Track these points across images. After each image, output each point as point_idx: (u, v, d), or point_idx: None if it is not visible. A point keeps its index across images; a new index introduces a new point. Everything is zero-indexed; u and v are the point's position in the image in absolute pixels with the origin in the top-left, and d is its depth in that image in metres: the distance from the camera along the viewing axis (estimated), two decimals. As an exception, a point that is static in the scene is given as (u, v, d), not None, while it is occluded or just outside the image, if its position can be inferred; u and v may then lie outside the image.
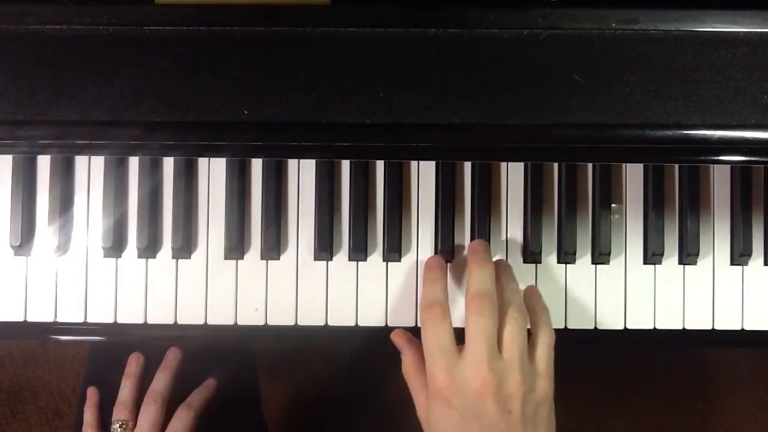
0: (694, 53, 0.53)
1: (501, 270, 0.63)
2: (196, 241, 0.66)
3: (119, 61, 0.53)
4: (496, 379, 0.56)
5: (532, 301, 0.63)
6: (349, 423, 0.87)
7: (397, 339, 0.64)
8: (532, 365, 0.59)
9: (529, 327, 0.62)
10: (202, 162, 0.66)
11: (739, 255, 0.67)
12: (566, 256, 0.66)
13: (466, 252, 0.66)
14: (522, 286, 0.66)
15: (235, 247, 0.65)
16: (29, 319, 0.66)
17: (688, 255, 0.66)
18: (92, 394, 0.77)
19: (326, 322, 0.66)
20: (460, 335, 0.59)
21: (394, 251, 0.66)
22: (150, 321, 0.66)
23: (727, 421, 1.28)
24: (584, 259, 0.67)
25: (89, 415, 0.76)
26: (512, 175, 0.67)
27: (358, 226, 0.65)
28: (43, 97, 0.53)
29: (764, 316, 0.67)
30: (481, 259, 0.62)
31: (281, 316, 0.66)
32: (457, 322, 0.61)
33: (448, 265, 0.66)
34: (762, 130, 0.53)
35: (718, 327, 0.67)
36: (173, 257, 0.66)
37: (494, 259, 0.65)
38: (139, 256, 0.66)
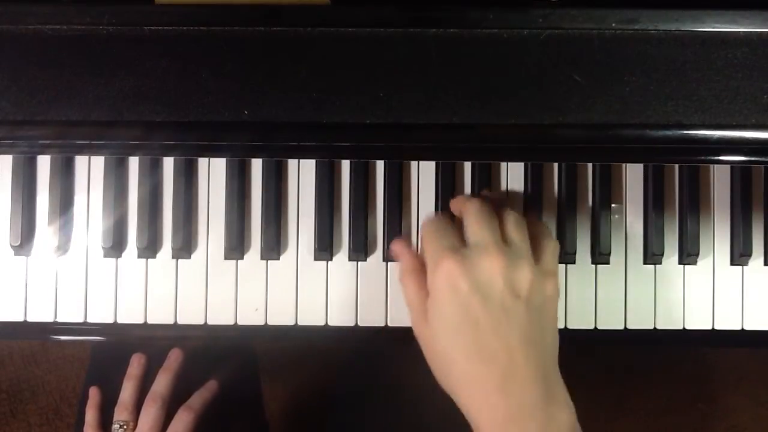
0: (694, 53, 0.53)
1: (494, 195, 0.63)
2: (196, 241, 0.66)
3: (119, 61, 0.53)
4: (506, 261, 0.53)
5: (533, 220, 0.60)
6: (350, 423, 0.87)
7: (397, 245, 0.61)
8: (539, 265, 0.57)
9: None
10: (202, 162, 0.66)
11: (739, 255, 0.67)
12: (566, 256, 0.66)
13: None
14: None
15: (235, 247, 0.65)
16: (29, 319, 0.66)
17: (688, 255, 0.66)
18: (94, 394, 0.77)
19: (326, 322, 0.66)
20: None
21: (394, 251, 0.66)
22: (150, 321, 0.66)
23: (727, 421, 1.28)
24: (584, 259, 0.67)
25: (90, 416, 0.76)
26: (512, 175, 0.67)
27: (358, 226, 0.65)
28: (43, 97, 0.53)
29: (764, 316, 0.67)
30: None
31: (281, 316, 0.66)
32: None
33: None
34: (762, 130, 0.53)
35: (718, 327, 0.67)
36: (173, 257, 0.66)
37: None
38: (139, 256, 0.66)
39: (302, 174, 0.66)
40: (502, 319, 0.53)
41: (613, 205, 0.67)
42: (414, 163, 0.66)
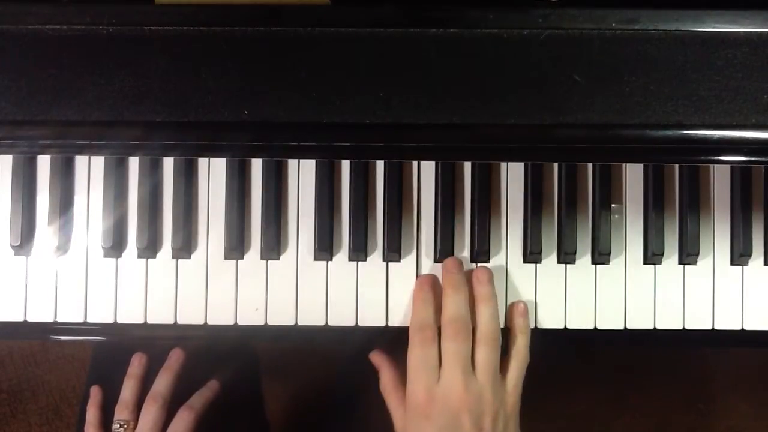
0: (694, 53, 0.53)
1: (481, 287, 0.65)
2: (196, 241, 0.66)
3: (119, 61, 0.53)
4: (471, 399, 0.61)
5: (515, 320, 0.66)
6: (350, 422, 0.87)
7: (376, 358, 0.68)
8: (504, 384, 0.64)
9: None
10: (202, 162, 0.66)
11: (739, 255, 0.67)
12: (566, 256, 0.66)
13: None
14: (521, 286, 0.66)
15: (235, 247, 0.65)
16: (29, 319, 0.66)
17: (688, 255, 0.66)
18: (95, 393, 0.77)
19: (326, 322, 0.66)
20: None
21: (394, 251, 0.66)
22: (150, 321, 0.66)
23: (727, 421, 1.28)
24: (584, 259, 0.67)
25: (91, 415, 0.76)
26: (512, 175, 0.67)
27: (358, 226, 0.65)
28: (43, 97, 0.53)
29: (764, 316, 0.67)
30: (456, 281, 0.64)
31: (281, 316, 0.66)
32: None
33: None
34: (762, 130, 0.53)
35: (718, 327, 0.67)
36: (173, 257, 0.66)
37: (479, 266, 0.66)
38: (139, 256, 0.66)
39: (302, 174, 0.66)
40: None
41: (613, 205, 0.67)
42: (414, 163, 0.66)
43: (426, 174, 0.67)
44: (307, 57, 0.53)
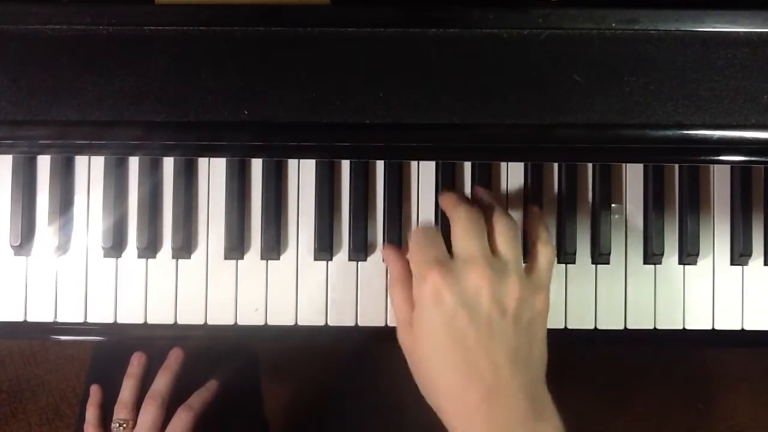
0: (694, 53, 0.53)
1: (479, 191, 0.62)
2: (196, 241, 0.66)
3: (119, 61, 0.53)
4: (493, 274, 0.53)
5: (532, 218, 0.61)
6: (350, 422, 0.87)
7: (388, 250, 0.61)
8: (530, 276, 0.56)
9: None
10: (202, 162, 0.66)
11: (739, 255, 0.67)
12: (566, 256, 0.66)
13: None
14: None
15: (235, 247, 0.65)
16: (29, 319, 0.66)
17: (688, 255, 0.66)
18: (95, 392, 0.77)
19: (326, 322, 0.66)
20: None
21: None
22: (150, 321, 0.66)
23: (727, 421, 1.28)
24: (584, 259, 0.67)
25: (91, 414, 0.76)
26: (512, 175, 0.67)
27: (358, 226, 0.65)
28: (43, 97, 0.53)
29: (764, 316, 0.67)
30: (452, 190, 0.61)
31: (281, 316, 0.66)
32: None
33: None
34: (762, 130, 0.53)
35: (718, 327, 0.67)
36: (173, 257, 0.66)
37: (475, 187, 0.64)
38: (139, 256, 0.66)
39: (302, 174, 0.66)
40: (489, 335, 0.52)
41: (613, 205, 0.67)
42: (414, 163, 0.66)
43: (426, 174, 0.67)
44: (307, 57, 0.53)
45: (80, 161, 0.66)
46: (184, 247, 0.65)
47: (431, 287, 0.53)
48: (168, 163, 0.66)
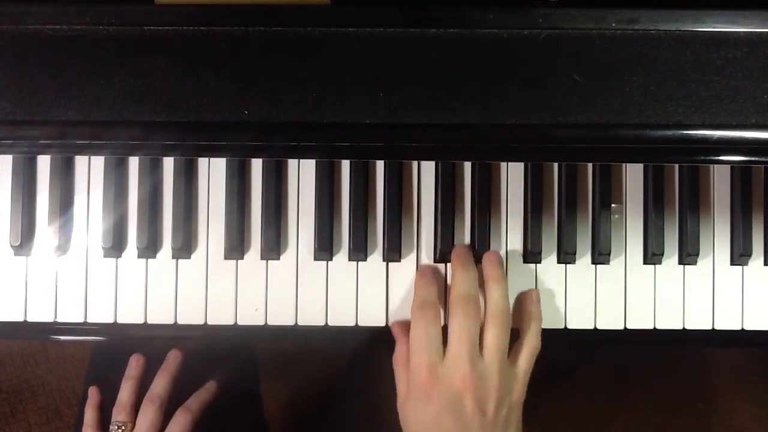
0: (694, 53, 0.53)
1: (491, 269, 0.64)
2: (196, 241, 0.66)
3: (119, 61, 0.53)
4: (476, 380, 0.59)
5: (528, 306, 0.65)
6: (349, 422, 0.87)
7: (396, 328, 0.65)
8: (512, 369, 0.62)
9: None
10: (202, 162, 0.66)
11: (739, 255, 0.67)
12: (566, 256, 0.66)
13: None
14: (521, 287, 0.66)
15: (235, 247, 0.65)
16: (29, 319, 0.66)
17: (688, 255, 0.66)
18: (93, 394, 0.77)
19: (326, 322, 0.66)
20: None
21: (394, 251, 0.66)
22: (150, 321, 0.66)
23: (727, 421, 1.28)
24: (584, 259, 0.67)
25: (89, 416, 0.76)
26: (512, 175, 0.67)
27: (358, 226, 0.65)
28: (43, 97, 0.53)
29: (764, 316, 0.67)
30: (465, 261, 0.64)
31: (281, 316, 0.66)
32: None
33: (446, 265, 0.66)
34: (762, 130, 0.53)
35: (718, 327, 0.67)
36: (173, 257, 0.66)
37: (487, 251, 0.66)
38: (139, 256, 0.66)
39: (302, 174, 0.66)
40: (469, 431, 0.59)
41: (613, 205, 0.67)
42: (414, 163, 0.66)
43: (426, 174, 0.67)
44: (307, 57, 0.53)
45: (80, 161, 0.66)
46: (184, 247, 0.65)
47: (422, 387, 0.60)
48: (168, 163, 0.66)
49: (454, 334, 0.60)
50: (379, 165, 0.66)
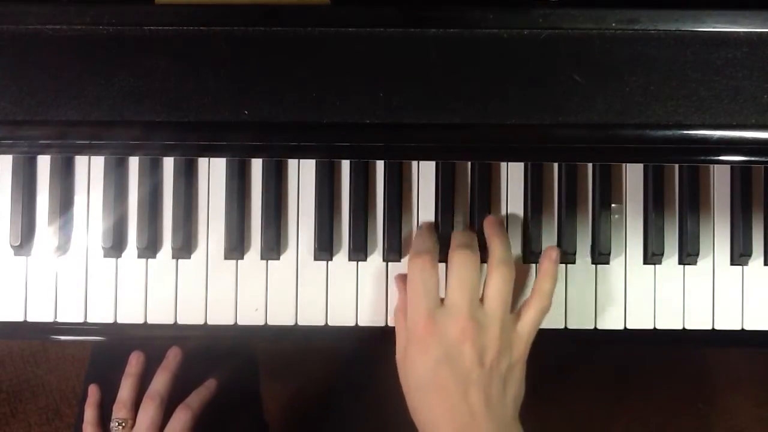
0: (694, 53, 0.53)
1: (492, 227, 0.64)
2: (196, 241, 0.66)
3: (119, 61, 0.53)
4: (475, 328, 0.57)
5: (544, 264, 0.63)
6: (349, 422, 0.87)
7: (398, 280, 0.64)
8: (515, 324, 0.60)
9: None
10: (202, 162, 0.66)
11: (739, 255, 0.67)
12: (566, 256, 0.66)
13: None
14: (522, 287, 0.66)
15: (235, 247, 0.65)
16: (29, 319, 0.66)
17: (688, 255, 0.66)
18: (93, 392, 0.77)
19: (326, 322, 0.66)
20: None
21: (394, 251, 0.66)
22: (150, 321, 0.66)
23: (728, 421, 1.28)
24: (584, 259, 0.67)
25: (89, 414, 0.76)
26: (512, 175, 0.67)
27: (358, 226, 0.65)
28: (43, 97, 0.53)
29: (764, 316, 0.67)
30: (464, 232, 0.64)
31: (281, 316, 0.66)
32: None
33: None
34: (762, 130, 0.53)
35: (718, 327, 0.67)
36: (173, 257, 0.66)
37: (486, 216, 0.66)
38: (139, 256, 0.66)
39: (302, 174, 0.66)
40: (467, 383, 0.57)
41: (613, 205, 0.67)
42: (414, 163, 0.66)
43: (426, 174, 0.67)
44: (306, 57, 0.53)
45: (80, 161, 0.66)
46: (184, 247, 0.65)
47: (419, 335, 0.58)
48: (168, 163, 0.66)
49: (453, 282, 0.59)
50: (379, 165, 0.66)
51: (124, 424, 0.73)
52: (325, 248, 0.65)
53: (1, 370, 1.28)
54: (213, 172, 0.66)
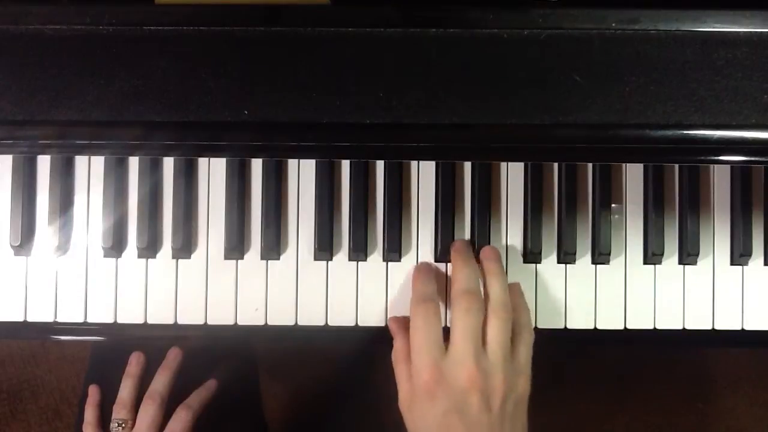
0: (694, 53, 0.53)
1: (490, 263, 0.64)
2: (196, 241, 0.66)
3: (119, 61, 0.53)
4: (482, 376, 0.58)
5: (514, 300, 0.64)
6: (349, 422, 0.87)
7: (393, 324, 0.64)
8: (513, 363, 0.61)
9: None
10: (202, 162, 0.66)
11: (739, 255, 0.67)
12: (566, 256, 0.66)
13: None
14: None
15: (235, 247, 0.65)
16: (29, 319, 0.66)
17: (688, 255, 0.66)
18: (93, 392, 0.77)
19: (326, 322, 0.66)
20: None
21: (394, 251, 0.66)
22: (150, 321, 0.66)
23: (727, 421, 1.28)
24: (584, 259, 0.67)
25: (90, 414, 0.76)
26: (512, 175, 0.67)
27: (358, 226, 0.65)
28: (43, 97, 0.53)
29: (764, 316, 0.67)
30: (466, 257, 0.63)
31: (281, 316, 0.66)
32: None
33: (447, 265, 0.66)
34: (762, 130, 0.53)
35: (718, 327, 0.67)
36: (173, 257, 0.66)
37: (485, 246, 0.65)
38: (139, 256, 0.66)
39: (302, 174, 0.66)
40: (477, 429, 0.57)
41: (613, 205, 0.67)
42: (414, 163, 0.66)
43: (426, 174, 0.67)
44: (307, 57, 0.53)
45: (80, 161, 0.66)
46: (184, 247, 0.65)
47: (426, 386, 0.58)
48: (168, 163, 0.66)
49: (458, 329, 0.59)
50: (379, 165, 0.66)
51: (124, 425, 0.73)
52: (325, 248, 0.65)
53: (1, 370, 1.28)
54: (213, 172, 0.66)
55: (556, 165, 0.67)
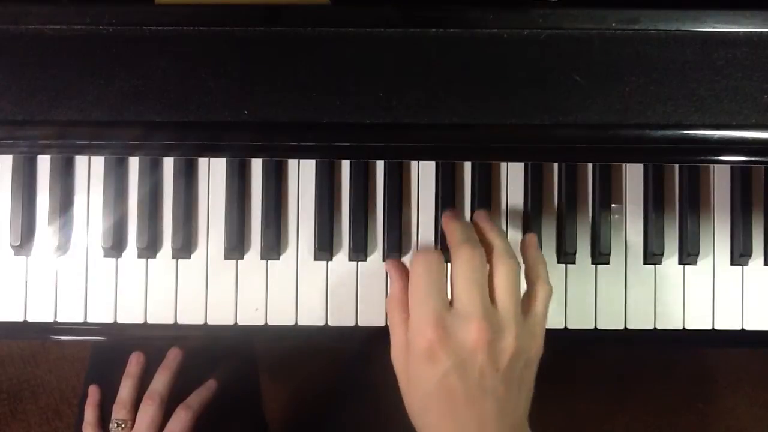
0: (694, 53, 0.53)
1: (485, 222, 0.59)
2: (196, 241, 0.66)
3: (119, 61, 0.53)
4: (491, 333, 0.51)
5: (530, 253, 0.59)
6: (349, 423, 0.87)
7: (392, 268, 0.58)
8: (527, 321, 0.55)
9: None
10: (202, 162, 0.66)
11: (739, 255, 0.67)
12: (566, 256, 0.66)
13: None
14: (522, 287, 0.66)
15: (235, 247, 0.65)
16: (29, 319, 0.66)
17: (688, 255, 0.66)
18: (93, 392, 0.77)
19: (326, 322, 0.66)
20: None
21: (394, 251, 0.66)
22: (150, 321, 0.66)
23: (727, 421, 1.28)
24: (584, 259, 0.67)
25: (89, 414, 0.76)
26: (512, 175, 0.67)
27: (358, 226, 0.65)
28: (43, 97, 0.53)
29: (764, 316, 0.67)
30: (458, 216, 0.58)
31: (281, 316, 0.66)
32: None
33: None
34: (762, 130, 0.53)
35: (718, 327, 0.67)
36: (173, 257, 0.66)
37: (476, 211, 0.63)
38: (139, 256, 0.66)
39: (302, 174, 0.66)
40: (479, 392, 0.51)
41: (613, 205, 0.67)
42: (414, 163, 0.66)
43: (426, 174, 0.67)
44: (307, 57, 0.53)
45: (80, 161, 0.66)
46: (184, 247, 0.65)
47: (426, 344, 0.51)
48: (168, 163, 0.66)
49: (460, 282, 0.52)
50: (379, 165, 0.66)
51: (123, 425, 0.73)
52: (325, 248, 0.65)
53: (1, 370, 1.28)
54: (213, 172, 0.66)
55: (556, 165, 0.67)
